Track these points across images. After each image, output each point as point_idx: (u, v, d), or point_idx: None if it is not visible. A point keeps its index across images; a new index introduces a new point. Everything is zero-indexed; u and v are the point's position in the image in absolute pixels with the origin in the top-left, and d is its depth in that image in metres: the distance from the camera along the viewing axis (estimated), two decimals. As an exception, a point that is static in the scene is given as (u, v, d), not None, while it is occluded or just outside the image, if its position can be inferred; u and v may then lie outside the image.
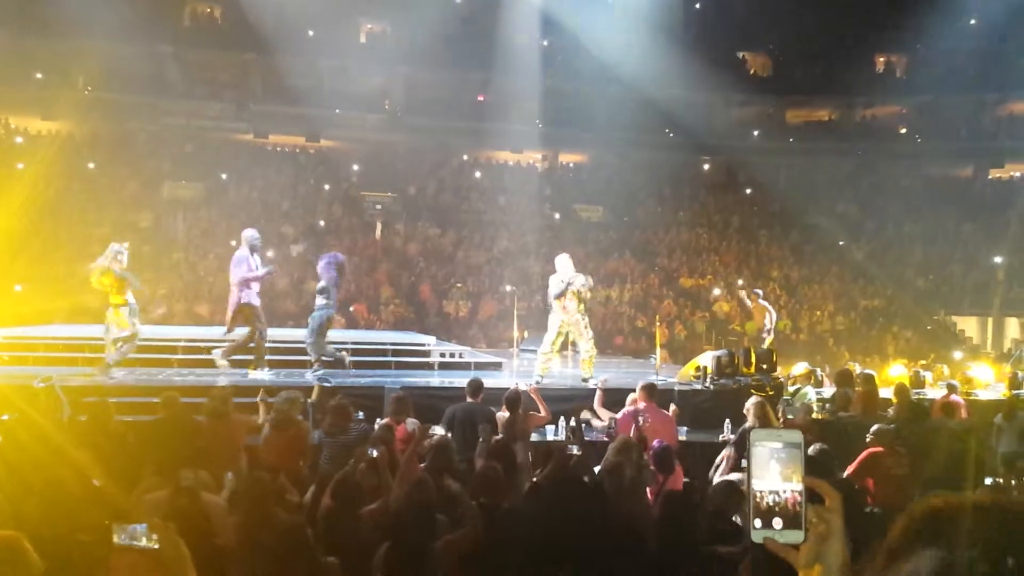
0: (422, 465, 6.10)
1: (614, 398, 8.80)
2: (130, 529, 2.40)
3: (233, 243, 24.72)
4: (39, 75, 28.31)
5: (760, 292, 17.05)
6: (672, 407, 8.37)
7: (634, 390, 8.25)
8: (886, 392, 11.20)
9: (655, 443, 6.55)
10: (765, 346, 14.36)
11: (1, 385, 8.38)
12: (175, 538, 2.41)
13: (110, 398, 7.73)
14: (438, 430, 6.77)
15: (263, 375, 10.99)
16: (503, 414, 7.69)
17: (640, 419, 7.42)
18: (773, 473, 1.46)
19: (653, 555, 4.65)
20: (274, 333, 12.49)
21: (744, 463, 1.55)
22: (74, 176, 25.61)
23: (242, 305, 11.13)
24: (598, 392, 8.73)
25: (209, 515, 4.44)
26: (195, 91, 30.41)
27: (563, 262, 11.26)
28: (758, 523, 1.46)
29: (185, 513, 4.09)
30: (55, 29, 26.22)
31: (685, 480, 6.69)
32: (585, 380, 11.03)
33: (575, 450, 5.98)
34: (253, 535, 4.29)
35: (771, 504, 1.45)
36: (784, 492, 1.45)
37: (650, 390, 7.94)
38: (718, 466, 7.42)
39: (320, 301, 11.29)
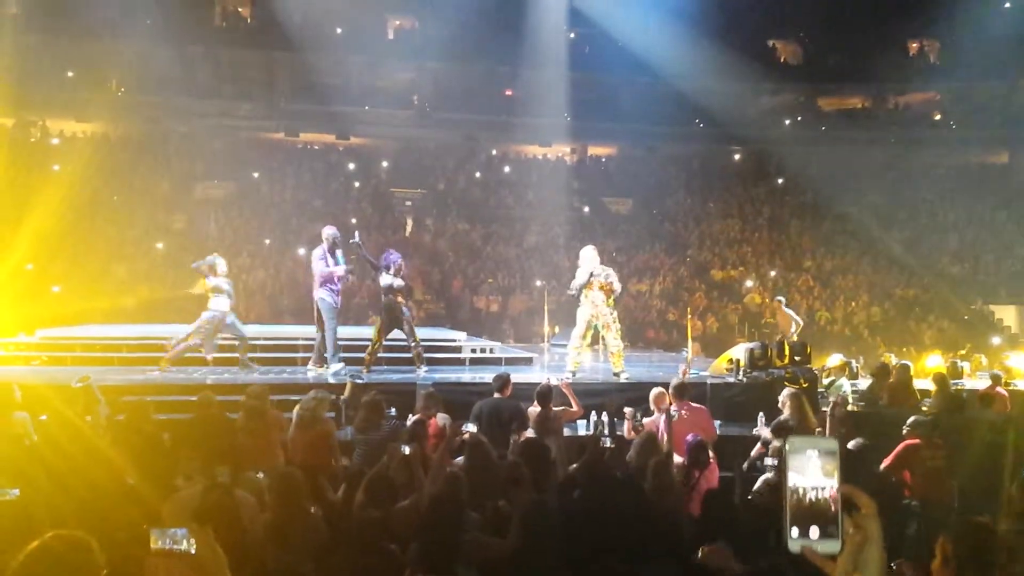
0: (456, 461, 6.12)
1: (646, 393, 8.77)
2: (168, 533, 2.44)
3: (267, 242, 25.15)
4: (73, 77, 28.70)
5: (783, 299, 16.81)
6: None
7: (657, 385, 8.23)
8: (923, 383, 11.08)
9: (689, 437, 6.53)
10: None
11: (40, 385, 8.51)
12: (212, 542, 2.44)
13: (148, 397, 7.84)
14: (471, 427, 6.78)
15: (325, 372, 10.98)
16: (534, 409, 7.68)
17: (673, 413, 7.39)
18: (812, 470, 1.45)
19: (690, 549, 4.62)
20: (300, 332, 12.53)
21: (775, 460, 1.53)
22: (108, 177, 25.94)
23: (316, 302, 11.21)
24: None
25: (240, 512, 4.48)
26: (226, 91, 30.66)
27: (587, 254, 11.19)
28: (795, 532, 1.44)
29: (216, 510, 4.13)
30: (88, 32, 26.59)
31: (722, 475, 6.66)
32: (616, 375, 10.97)
33: (608, 443, 5.97)
34: (284, 531, 4.33)
35: (810, 502, 1.43)
36: (823, 489, 1.43)
37: (681, 390, 7.92)
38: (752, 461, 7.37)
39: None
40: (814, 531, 1.42)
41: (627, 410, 8.36)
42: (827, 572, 1.45)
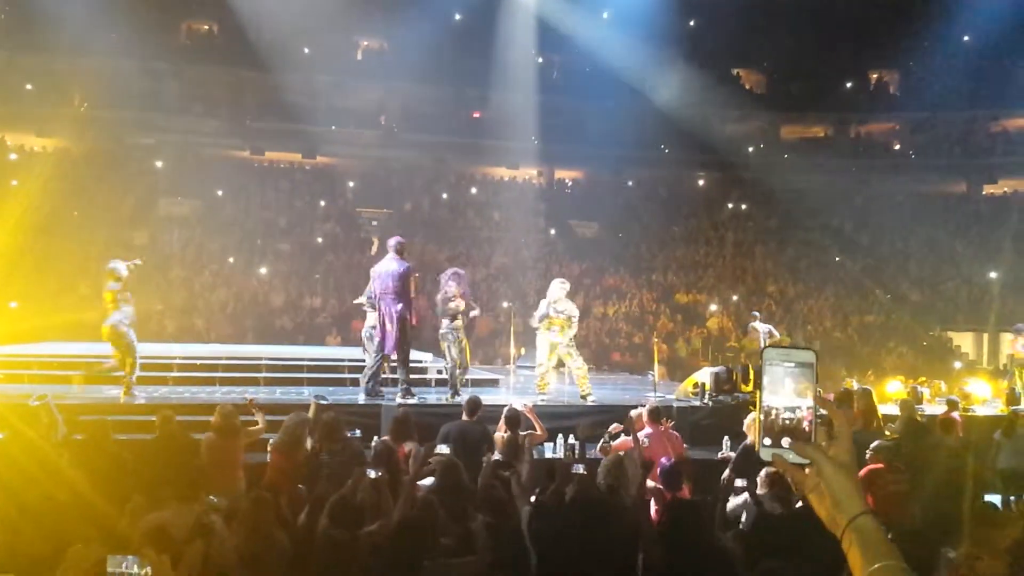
0: (427, 481, 6.05)
1: (613, 415, 8.77)
2: (122, 560, 2.38)
3: (231, 260, 24.90)
4: (35, 92, 28.30)
5: (757, 314, 16.98)
6: (665, 421, 8.26)
7: (633, 407, 8.21)
8: (884, 408, 11.20)
9: (663, 460, 6.53)
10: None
11: (-4, 404, 8.33)
12: (167, 568, 2.38)
13: (107, 416, 7.70)
14: (443, 449, 6.71)
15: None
16: (501, 434, 7.62)
17: (644, 440, 7.38)
18: (787, 390, 1.46)
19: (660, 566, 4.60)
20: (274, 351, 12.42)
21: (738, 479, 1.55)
22: (70, 193, 25.56)
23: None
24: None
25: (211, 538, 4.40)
26: (191, 108, 30.41)
27: (554, 286, 11.26)
28: (767, 441, 1.45)
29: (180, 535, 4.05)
30: (51, 46, 26.27)
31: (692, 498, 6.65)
32: (583, 397, 10.98)
33: (580, 469, 5.95)
34: (255, 555, 4.25)
35: (784, 421, 1.45)
36: (798, 409, 1.45)
37: (655, 414, 7.91)
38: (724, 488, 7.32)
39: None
40: (786, 441, 1.44)
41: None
42: (797, 480, 1.47)
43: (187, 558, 4.17)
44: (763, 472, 6.44)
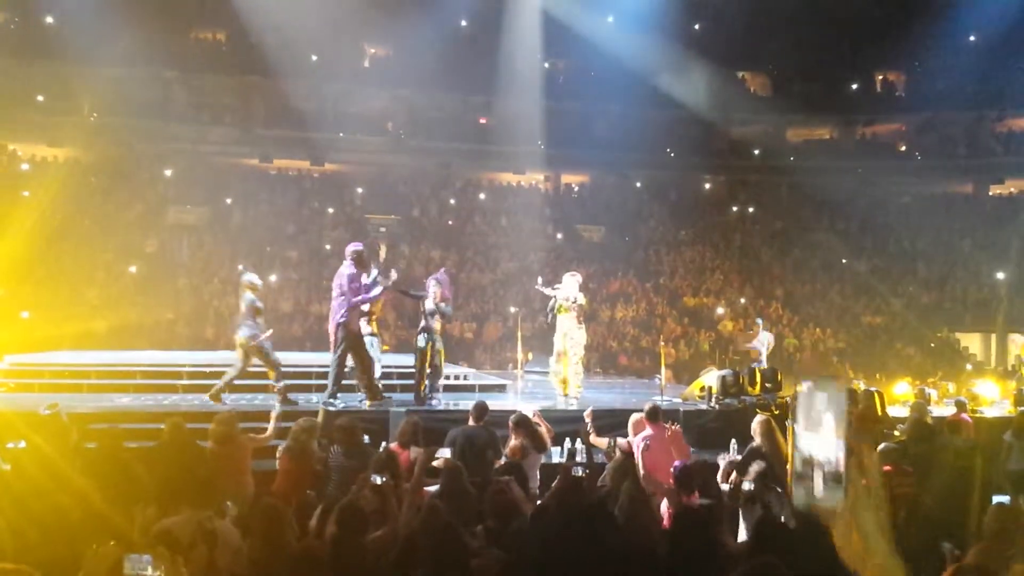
0: (432, 489, 6.09)
1: (618, 419, 8.77)
2: (137, 560, 2.45)
3: (240, 267, 24.98)
4: (45, 102, 28.45)
5: (760, 322, 17.03)
6: (670, 424, 8.19)
7: (638, 411, 8.21)
8: (892, 410, 11.20)
9: (676, 463, 6.55)
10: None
11: (8, 412, 8.39)
12: (180, 569, 2.44)
13: (118, 425, 7.75)
14: (444, 453, 6.74)
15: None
16: (512, 441, 7.63)
17: (643, 444, 7.39)
18: (823, 430, 1.48)
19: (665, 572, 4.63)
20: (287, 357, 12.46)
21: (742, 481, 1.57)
22: (80, 202, 25.72)
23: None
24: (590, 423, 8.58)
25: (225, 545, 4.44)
26: (200, 116, 30.56)
27: (567, 280, 11.55)
28: (800, 475, 1.49)
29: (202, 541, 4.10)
30: (60, 56, 26.42)
31: (702, 501, 6.67)
32: (574, 396, 11.25)
33: (581, 471, 5.98)
34: (264, 563, 4.29)
35: (816, 462, 1.48)
36: (830, 448, 1.48)
37: (653, 414, 7.86)
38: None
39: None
40: (818, 482, 1.48)
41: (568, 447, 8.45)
42: (826, 518, 1.49)
43: (191, 563, 4.22)
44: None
